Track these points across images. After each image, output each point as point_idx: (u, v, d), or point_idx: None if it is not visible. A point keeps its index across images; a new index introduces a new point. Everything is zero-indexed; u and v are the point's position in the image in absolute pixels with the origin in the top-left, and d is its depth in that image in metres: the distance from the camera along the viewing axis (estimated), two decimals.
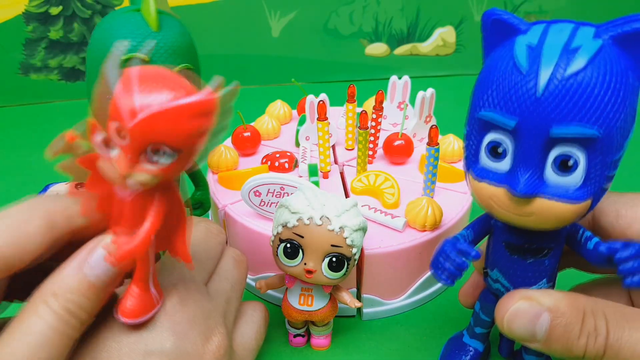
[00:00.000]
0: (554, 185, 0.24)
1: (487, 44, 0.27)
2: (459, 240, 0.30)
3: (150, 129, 0.20)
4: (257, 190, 0.40)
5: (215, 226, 0.35)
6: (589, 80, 0.22)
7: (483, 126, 0.26)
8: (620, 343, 0.24)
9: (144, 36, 0.33)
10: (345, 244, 0.32)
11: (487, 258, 0.32)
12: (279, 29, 0.91)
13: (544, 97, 0.23)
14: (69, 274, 0.23)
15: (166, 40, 0.34)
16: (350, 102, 0.50)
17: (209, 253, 0.33)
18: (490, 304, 0.32)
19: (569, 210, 0.24)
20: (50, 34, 0.86)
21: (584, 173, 0.24)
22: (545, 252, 0.28)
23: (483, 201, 0.27)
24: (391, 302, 0.42)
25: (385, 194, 0.44)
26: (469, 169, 0.27)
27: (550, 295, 0.26)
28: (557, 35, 0.23)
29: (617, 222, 0.29)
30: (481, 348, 0.35)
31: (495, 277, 0.30)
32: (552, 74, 0.22)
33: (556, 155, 0.24)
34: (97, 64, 0.33)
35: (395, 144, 0.49)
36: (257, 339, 0.34)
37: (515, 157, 0.25)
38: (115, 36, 0.33)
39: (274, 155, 0.48)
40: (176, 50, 0.34)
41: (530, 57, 0.23)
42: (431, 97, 0.51)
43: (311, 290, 0.36)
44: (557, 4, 0.90)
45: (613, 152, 0.23)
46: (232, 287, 0.33)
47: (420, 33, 0.94)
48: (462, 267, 0.28)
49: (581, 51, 0.22)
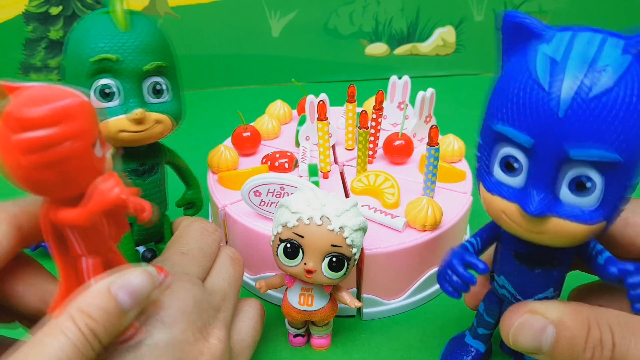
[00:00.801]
0: (568, 205, 0.23)
1: (506, 47, 0.25)
2: (467, 250, 0.29)
3: None
4: (257, 190, 0.40)
5: (210, 224, 0.35)
6: (614, 102, 0.21)
7: (498, 139, 0.25)
8: (627, 356, 0.24)
9: (113, 36, 0.33)
10: (345, 243, 0.32)
11: (494, 263, 0.31)
12: (279, 29, 0.91)
13: (566, 117, 0.21)
14: (97, 293, 0.23)
15: (134, 39, 0.34)
16: (350, 102, 0.50)
17: (205, 250, 0.33)
18: (495, 306, 0.32)
19: (583, 230, 0.24)
20: (50, 34, 0.86)
21: (600, 195, 0.23)
22: (554, 264, 0.28)
23: (494, 214, 0.26)
24: (391, 302, 0.42)
25: (385, 194, 0.44)
26: (481, 180, 0.27)
27: (555, 307, 0.26)
28: (583, 49, 0.22)
29: (626, 230, 0.29)
30: (483, 349, 0.35)
31: (502, 283, 0.30)
32: (576, 94, 0.21)
33: (573, 176, 0.23)
34: (72, 67, 0.33)
35: (395, 144, 0.49)
36: (254, 336, 0.34)
37: (530, 174, 0.24)
38: (87, 37, 0.33)
39: (274, 155, 0.48)
40: (145, 48, 0.34)
41: (553, 73, 0.22)
42: (431, 97, 0.51)
43: (311, 290, 0.36)
44: (557, 4, 0.90)
45: (633, 177, 0.23)
46: (229, 284, 0.33)
47: (420, 33, 0.94)
48: (470, 282, 0.27)
49: (609, 69, 0.21)
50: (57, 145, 0.21)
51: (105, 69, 0.33)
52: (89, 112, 0.22)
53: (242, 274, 0.36)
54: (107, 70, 0.33)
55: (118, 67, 0.33)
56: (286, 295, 0.36)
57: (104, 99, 0.34)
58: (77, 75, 0.33)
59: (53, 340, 0.21)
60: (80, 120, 0.21)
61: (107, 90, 0.34)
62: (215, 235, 0.34)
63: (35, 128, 0.20)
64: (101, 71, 0.33)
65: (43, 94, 0.21)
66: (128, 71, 0.34)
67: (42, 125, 0.20)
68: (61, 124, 0.21)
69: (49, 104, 0.20)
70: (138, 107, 0.34)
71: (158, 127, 0.36)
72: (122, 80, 0.34)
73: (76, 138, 0.21)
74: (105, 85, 0.33)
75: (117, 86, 0.34)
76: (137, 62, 0.34)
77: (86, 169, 0.22)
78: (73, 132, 0.21)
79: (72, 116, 0.21)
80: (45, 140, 0.20)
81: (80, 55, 0.33)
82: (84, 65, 0.33)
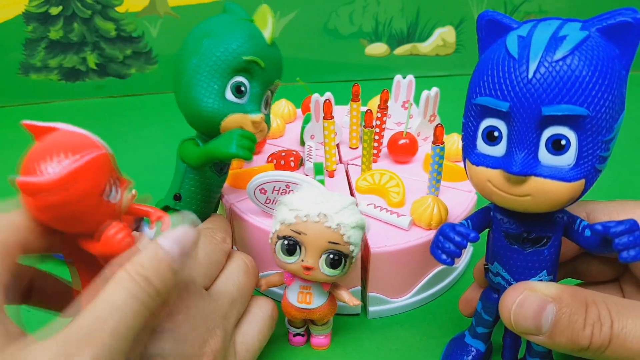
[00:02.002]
0: (547, 165, 0.25)
1: (482, 43, 0.28)
2: (458, 225, 0.30)
3: None
4: (263, 188, 0.40)
5: (220, 234, 0.36)
6: (577, 64, 0.24)
7: (479, 113, 0.27)
8: (626, 332, 0.25)
9: (263, 46, 0.36)
10: (343, 241, 0.32)
11: (487, 253, 0.32)
12: (279, 29, 0.91)
13: (535, 79, 0.24)
14: (146, 247, 0.25)
15: (276, 54, 0.38)
16: (355, 101, 0.50)
17: (211, 258, 0.33)
18: (493, 303, 0.32)
19: (564, 190, 0.25)
20: (50, 34, 0.85)
21: (576, 152, 0.25)
22: (544, 241, 0.29)
23: (480, 185, 0.28)
24: (396, 300, 0.42)
25: (391, 192, 0.44)
26: (466, 156, 0.28)
27: (553, 286, 0.27)
28: (545, 27, 0.25)
29: None
30: (483, 348, 0.35)
31: (496, 270, 0.31)
32: (542, 57, 0.24)
33: (549, 136, 0.25)
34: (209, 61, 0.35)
35: (399, 143, 0.49)
36: (260, 339, 0.34)
37: (510, 140, 0.26)
38: (237, 39, 0.35)
39: (280, 154, 0.48)
40: (279, 66, 0.39)
41: (521, 46, 0.25)
42: (435, 96, 0.51)
43: (310, 288, 0.36)
44: (557, 4, 0.91)
45: (603, 133, 0.25)
46: (238, 290, 0.33)
47: (420, 33, 0.94)
48: (461, 246, 0.29)
49: (568, 39, 0.24)
50: (66, 206, 0.23)
51: (249, 69, 0.36)
52: (100, 166, 0.24)
53: (254, 283, 0.36)
54: (248, 72, 0.36)
55: (259, 73, 0.36)
56: (285, 293, 0.37)
57: (237, 95, 0.36)
58: (217, 66, 0.35)
59: (114, 292, 0.23)
60: (90, 179, 0.23)
61: (242, 88, 0.36)
62: (222, 246, 0.35)
63: (46, 191, 0.22)
64: (244, 70, 0.36)
65: (59, 148, 0.23)
66: (263, 79, 0.37)
67: (51, 189, 0.22)
68: (71, 186, 0.22)
69: (61, 163, 0.22)
70: (259, 112, 0.37)
71: (260, 135, 0.38)
72: (254, 84, 0.36)
73: (85, 196, 0.23)
74: (241, 83, 0.36)
75: (248, 88, 0.36)
76: (272, 74, 0.37)
77: (96, 216, 0.24)
78: (82, 192, 0.23)
79: (82, 177, 0.23)
80: (54, 203, 0.22)
81: (228, 50, 0.35)
82: (232, 60, 0.35)
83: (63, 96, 0.89)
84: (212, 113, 0.35)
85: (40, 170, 0.22)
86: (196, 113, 0.35)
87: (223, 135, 0.35)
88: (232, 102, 0.36)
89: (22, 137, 0.25)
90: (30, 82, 0.88)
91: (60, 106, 0.88)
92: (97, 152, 0.24)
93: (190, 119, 0.37)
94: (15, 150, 0.24)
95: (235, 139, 0.34)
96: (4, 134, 0.75)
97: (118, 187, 0.26)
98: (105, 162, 0.24)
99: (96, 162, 0.24)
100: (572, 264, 0.34)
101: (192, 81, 0.35)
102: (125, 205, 0.26)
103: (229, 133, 0.35)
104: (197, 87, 0.35)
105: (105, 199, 0.24)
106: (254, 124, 0.36)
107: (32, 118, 0.26)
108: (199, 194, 0.39)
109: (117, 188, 0.25)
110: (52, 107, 0.88)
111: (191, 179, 0.38)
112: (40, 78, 0.88)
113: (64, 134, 0.24)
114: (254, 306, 0.35)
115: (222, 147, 0.35)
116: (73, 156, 0.23)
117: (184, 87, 0.35)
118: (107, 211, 0.25)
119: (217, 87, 0.35)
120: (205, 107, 0.35)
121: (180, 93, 0.36)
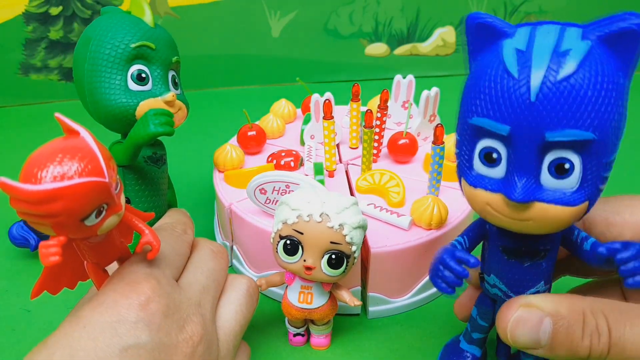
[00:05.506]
0: (550, 189, 0.24)
1: (472, 48, 0.26)
2: (456, 247, 0.29)
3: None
4: (263, 188, 0.40)
5: (180, 226, 0.35)
6: (582, 83, 0.22)
7: (475, 133, 0.25)
8: (624, 340, 0.24)
9: (147, 29, 0.37)
10: (344, 241, 0.32)
11: (483, 263, 0.31)
12: (279, 29, 0.91)
13: (538, 101, 0.22)
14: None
15: (164, 33, 0.39)
16: (355, 101, 0.50)
17: (175, 250, 0.33)
18: (488, 309, 0.32)
19: (567, 213, 0.24)
20: (50, 34, 0.85)
21: (580, 176, 0.23)
22: (542, 255, 0.28)
23: (478, 207, 0.26)
24: (397, 300, 0.42)
25: (391, 192, 0.44)
26: (462, 176, 0.27)
27: (549, 299, 0.26)
28: (545, 38, 0.23)
29: (609, 230, 0.30)
30: (479, 353, 0.34)
31: (493, 282, 0.30)
32: (545, 78, 0.22)
33: (552, 159, 0.23)
34: (103, 55, 0.36)
35: (399, 143, 0.49)
36: (239, 319, 0.33)
37: (510, 163, 0.24)
38: (122, 28, 0.36)
39: (280, 154, 0.48)
40: (171, 44, 0.39)
41: (520, 62, 0.23)
42: (435, 96, 0.51)
43: (311, 288, 0.36)
44: (557, 4, 0.91)
45: (608, 154, 0.23)
46: (207, 277, 0.33)
47: (420, 33, 0.94)
48: (462, 275, 0.27)
49: (571, 53, 0.22)
50: (41, 217, 0.22)
51: (143, 55, 0.36)
52: (88, 193, 0.23)
53: (225, 265, 0.35)
54: (143, 57, 0.36)
55: (153, 55, 0.37)
56: (286, 293, 0.37)
57: (140, 82, 0.36)
58: (111, 62, 0.36)
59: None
60: (73, 202, 0.22)
61: (143, 75, 0.36)
62: (184, 237, 0.34)
63: (25, 199, 0.21)
64: (138, 57, 0.36)
65: (60, 161, 0.22)
66: (161, 60, 0.37)
67: (31, 200, 0.21)
68: (49, 203, 0.22)
69: (51, 180, 0.22)
70: (168, 92, 0.37)
71: (180, 113, 0.39)
72: (154, 68, 0.37)
73: (61, 215, 0.22)
74: (141, 70, 0.36)
75: (149, 73, 0.37)
76: (167, 53, 0.38)
77: (66, 233, 0.24)
78: (59, 211, 0.22)
79: (64, 199, 0.22)
80: (29, 211, 0.22)
81: (114, 44, 0.36)
82: (122, 51, 0.36)
83: (63, 96, 0.89)
84: (123, 108, 0.36)
85: (33, 176, 0.22)
86: (109, 114, 0.36)
87: (139, 121, 0.36)
88: (138, 91, 0.36)
89: (22, 137, 0.25)
90: (30, 82, 0.88)
91: (60, 106, 0.88)
92: (94, 178, 0.23)
93: (106, 122, 0.37)
94: (16, 150, 0.24)
95: (150, 118, 0.35)
96: (4, 134, 0.75)
97: (104, 211, 0.24)
98: (97, 191, 0.23)
99: (86, 188, 0.22)
100: (568, 262, 0.34)
101: (93, 85, 0.36)
102: (104, 229, 0.25)
103: (144, 116, 0.35)
104: (100, 89, 0.36)
105: (83, 222, 0.23)
106: (168, 104, 0.37)
107: (32, 118, 0.26)
108: (145, 190, 0.39)
109: (103, 212, 0.24)
110: (52, 107, 0.88)
111: (131, 179, 0.39)
112: (40, 78, 0.88)
113: (76, 146, 0.23)
114: (228, 288, 0.35)
115: (140, 131, 0.35)
116: (68, 174, 0.22)
117: (87, 95, 0.36)
118: (80, 230, 0.24)
119: (119, 82, 0.36)
120: (115, 104, 0.36)
121: (87, 102, 0.37)
